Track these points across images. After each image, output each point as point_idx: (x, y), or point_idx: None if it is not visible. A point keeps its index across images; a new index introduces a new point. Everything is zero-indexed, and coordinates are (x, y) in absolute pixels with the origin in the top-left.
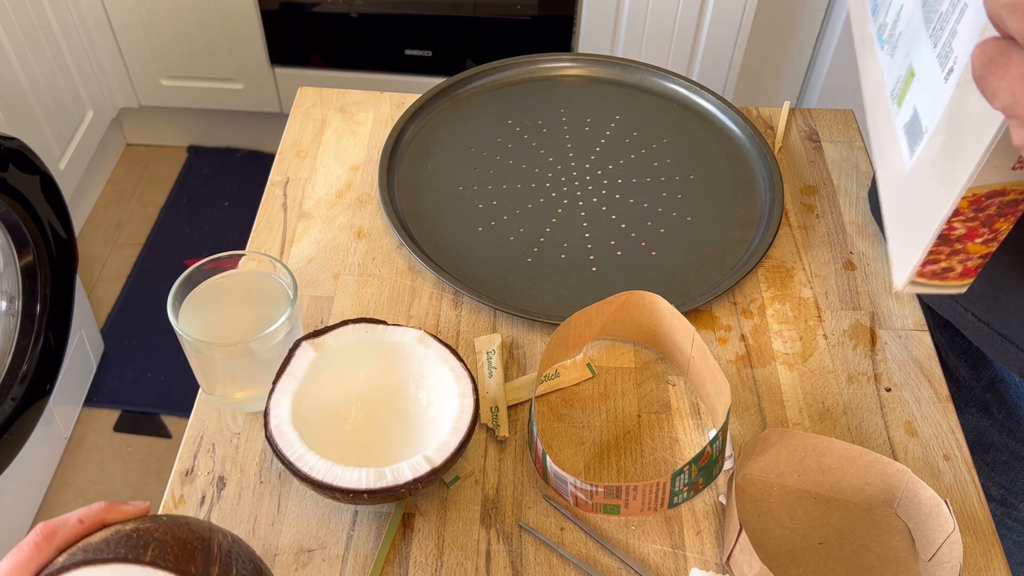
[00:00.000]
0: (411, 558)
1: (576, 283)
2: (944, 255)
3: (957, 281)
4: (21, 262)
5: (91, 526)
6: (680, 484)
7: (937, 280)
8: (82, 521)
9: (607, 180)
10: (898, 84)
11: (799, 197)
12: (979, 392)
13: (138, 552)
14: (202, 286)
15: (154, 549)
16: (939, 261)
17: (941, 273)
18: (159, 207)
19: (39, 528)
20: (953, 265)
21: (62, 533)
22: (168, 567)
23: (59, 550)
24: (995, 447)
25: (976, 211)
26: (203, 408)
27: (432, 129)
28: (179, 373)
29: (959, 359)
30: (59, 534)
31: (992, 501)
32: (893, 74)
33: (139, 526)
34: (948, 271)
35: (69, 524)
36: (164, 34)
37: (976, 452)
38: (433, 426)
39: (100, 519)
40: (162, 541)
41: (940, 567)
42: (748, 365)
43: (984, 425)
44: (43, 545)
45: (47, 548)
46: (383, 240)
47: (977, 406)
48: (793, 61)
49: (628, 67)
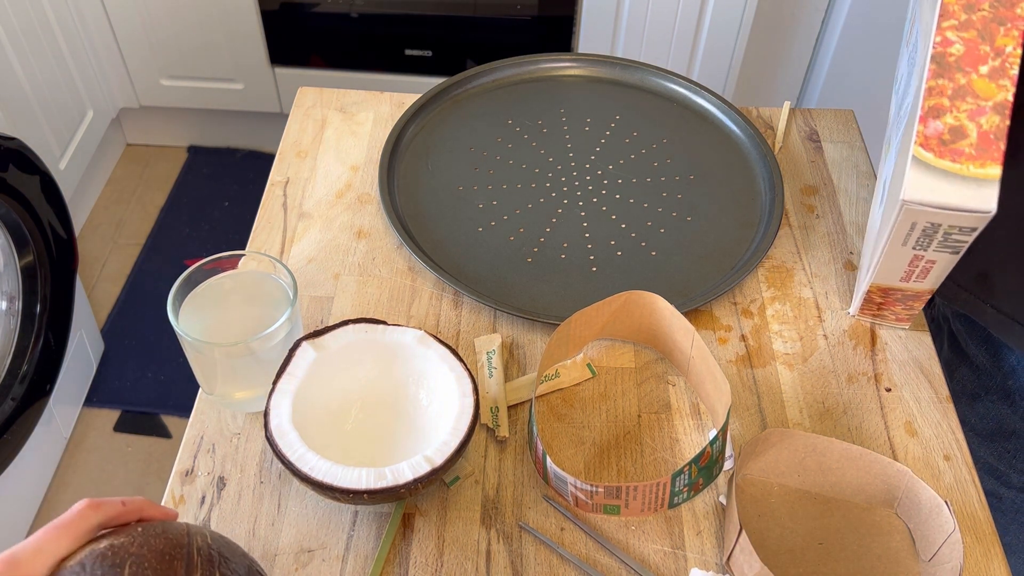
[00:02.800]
0: (411, 558)
1: (576, 283)
2: (875, 307)
3: (895, 322)
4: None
5: (131, 510)
6: (680, 484)
7: (878, 319)
8: (124, 504)
9: (607, 180)
10: (889, 139)
11: (799, 197)
12: (1000, 380)
13: (115, 572)
14: (202, 286)
15: (131, 566)
16: (872, 310)
17: (878, 315)
18: (159, 207)
19: (84, 501)
20: (885, 314)
21: (105, 508)
22: None
23: (101, 524)
24: (1016, 434)
25: (884, 295)
26: (203, 408)
27: (432, 129)
28: (179, 373)
29: (979, 347)
30: (103, 508)
31: (1012, 488)
32: (890, 133)
33: (113, 542)
34: (883, 316)
35: (112, 501)
36: (164, 34)
37: (997, 440)
38: (433, 426)
39: (140, 508)
40: (138, 556)
41: (940, 567)
42: (748, 365)
43: (1005, 413)
44: (87, 514)
45: (92, 517)
46: (383, 240)
47: (998, 394)
48: (793, 61)
49: (628, 67)
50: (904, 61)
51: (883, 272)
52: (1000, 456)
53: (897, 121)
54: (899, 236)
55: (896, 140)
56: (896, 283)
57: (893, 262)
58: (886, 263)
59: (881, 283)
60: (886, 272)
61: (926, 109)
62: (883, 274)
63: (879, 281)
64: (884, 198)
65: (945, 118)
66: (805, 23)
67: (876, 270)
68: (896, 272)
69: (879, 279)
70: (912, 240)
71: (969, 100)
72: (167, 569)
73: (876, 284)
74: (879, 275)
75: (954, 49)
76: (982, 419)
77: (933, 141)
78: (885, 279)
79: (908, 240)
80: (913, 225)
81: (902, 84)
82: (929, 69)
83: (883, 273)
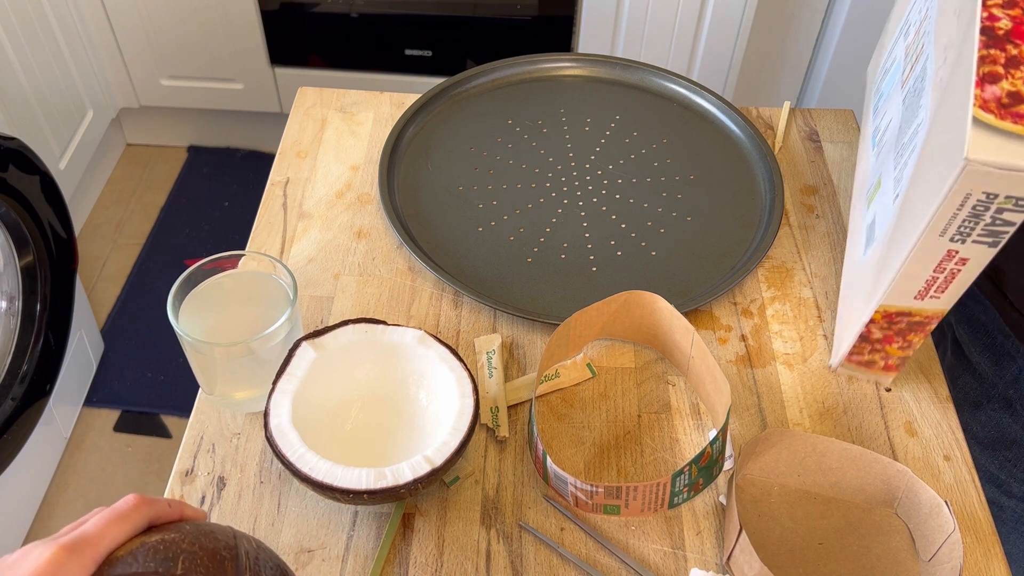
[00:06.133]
0: (411, 558)
1: (576, 283)
2: (866, 351)
3: (881, 372)
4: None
5: (175, 511)
6: (680, 484)
7: (863, 368)
8: (170, 504)
9: (607, 180)
10: (871, 187)
11: (799, 197)
12: (1002, 388)
13: (168, 565)
14: (202, 286)
15: (184, 561)
16: (863, 354)
17: (866, 363)
18: (159, 207)
19: (135, 496)
20: (875, 359)
21: (155, 505)
22: None
23: (151, 521)
24: (1018, 443)
25: (889, 324)
26: (203, 408)
27: (432, 129)
28: (179, 373)
29: (982, 355)
30: (153, 505)
31: (1013, 498)
32: (873, 176)
33: (164, 537)
34: (871, 363)
35: (159, 500)
36: (164, 34)
37: (998, 448)
38: (433, 426)
39: (180, 511)
40: (190, 552)
41: (940, 567)
42: (748, 365)
43: (1007, 421)
44: (142, 508)
45: (145, 512)
46: (383, 240)
47: (1000, 402)
48: (793, 61)
49: (628, 67)
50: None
51: (900, 286)
52: (1001, 465)
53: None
54: (942, 220)
55: (894, 166)
56: (909, 302)
57: (917, 267)
58: (909, 268)
59: (891, 304)
60: (903, 286)
61: (981, 75)
62: (899, 290)
63: (890, 302)
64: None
65: (1002, 84)
66: (805, 23)
67: (893, 284)
68: (915, 283)
69: (891, 298)
70: (955, 226)
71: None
72: (218, 568)
73: (884, 307)
74: (893, 292)
75: (1002, 24)
76: (984, 427)
77: (992, 104)
78: (898, 298)
79: (950, 226)
80: (966, 198)
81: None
82: (979, 40)
83: (899, 288)
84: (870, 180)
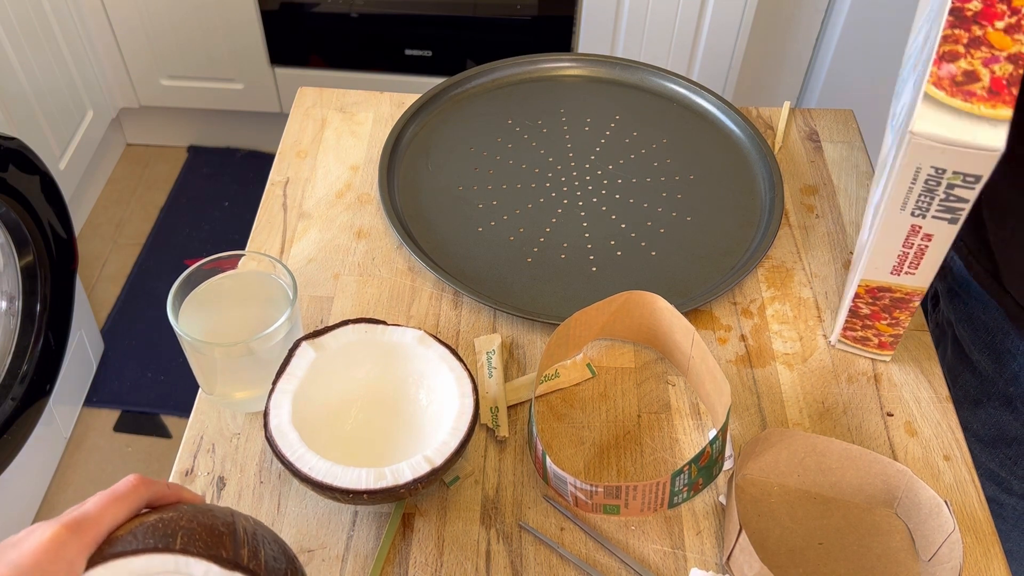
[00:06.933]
0: (411, 558)
1: (576, 283)
2: (858, 327)
3: (877, 350)
4: (21, 262)
5: (173, 493)
6: (680, 484)
7: (859, 345)
8: (169, 487)
9: (607, 180)
10: (884, 170)
11: (799, 197)
12: (1002, 386)
13: (167, 541)
14: (202, 286)
15: (183, 537)
16: (856, 330)
17: (860, 340)
18: (159, 207)
19: (135, 476)
20: (868, 336)
21: (153, 486)
22: (199, 553)
23: (149, 502)
24: (1018, 441)
25: (873, 299)
26: (203, 408)
27: (432, 129)
28: (179, 373)
29: (982, 353)
30: (152, 486)
31: (1014, 495)
32: (889, 159)
33: (163, 516)
34: (866, 340)
35: (159, 481)
36: (164, 34)
37: (999, 446)
38: (433, 426)
39: (178, 494)
40: (188, 528)
41: (940, 567)
42: (748, 365)
43: (1007, 419)
44: (141, 489)
45: (144, 492)
46: (383, 240)
47: (1000, 400)
48: (793, 61)
49: (628, 67)
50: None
51: (875, 261)
52: (1002, 463)
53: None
54: (899, 192)
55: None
56: (887, 277)
57: (887, 242)
58: (880, 243)
59: (872, 279)
60: (878, 261)
61: (940, 54)
62: (874, 264)
63: (868, 276)
64: (884, 181)
65: (959, 63)
66: (805, 23)
67: (868, 258)
68: (888, 258)
69: (869, 273)
70: (912, 200)
71: (984, 49)
72: (217, 542)
73: (865, 281)
74: (869, 267)
75: (972, 5)
76: (984, 425)
77: (946, 81)
78: (875, 273)
79: (908, 201)
80: (916, 172)
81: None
82: (946, 21)
83: (874, 262)
84: (888, 164)
